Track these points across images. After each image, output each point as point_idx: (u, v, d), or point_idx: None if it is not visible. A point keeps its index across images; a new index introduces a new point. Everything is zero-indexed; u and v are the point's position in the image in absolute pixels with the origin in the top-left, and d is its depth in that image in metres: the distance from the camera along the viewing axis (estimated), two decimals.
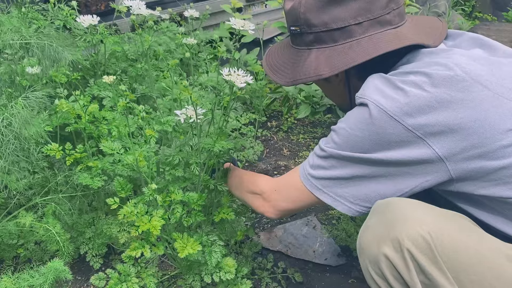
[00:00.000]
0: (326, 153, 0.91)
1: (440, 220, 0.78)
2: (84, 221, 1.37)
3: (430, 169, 0.82)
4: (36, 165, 1.19)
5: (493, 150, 0.79)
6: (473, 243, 0.76)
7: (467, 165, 0.80)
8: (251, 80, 0.98)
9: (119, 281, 1.12)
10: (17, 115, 1.05)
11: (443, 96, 0.79)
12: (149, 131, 1.12)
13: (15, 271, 1.38)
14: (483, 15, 4.59)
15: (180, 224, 1.16)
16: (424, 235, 0.74)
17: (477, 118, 0.78)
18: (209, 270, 1.21)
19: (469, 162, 0.80)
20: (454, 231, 0.76)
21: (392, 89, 0.83)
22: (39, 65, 1.21)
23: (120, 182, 1.11)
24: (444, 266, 0.73)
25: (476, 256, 0.74)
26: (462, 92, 0.79)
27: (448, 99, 0.79)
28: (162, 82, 1.29)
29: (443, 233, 0.75)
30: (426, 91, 0.80)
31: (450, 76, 0.80)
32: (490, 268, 0.74)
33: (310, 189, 0.94)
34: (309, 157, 0.97)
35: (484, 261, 0.74)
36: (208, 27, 2.65)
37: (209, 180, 1.20)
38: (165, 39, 1.58)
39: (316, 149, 0.95)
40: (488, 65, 0.84)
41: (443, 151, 0.80)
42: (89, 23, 1.25)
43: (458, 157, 0.80)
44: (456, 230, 0.77)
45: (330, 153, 0.90)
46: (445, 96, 0.79)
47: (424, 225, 0.75)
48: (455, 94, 0.79)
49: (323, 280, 1.41)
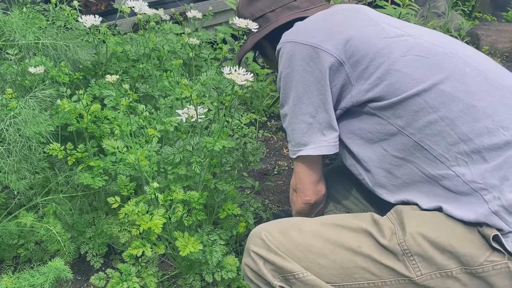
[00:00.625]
0: (283, 117, 1.11)
1: (273, 224, 1.03)
2: (84, 220, 1.37)
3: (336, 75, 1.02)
4: (37, 165, 1.19)
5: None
6: (295, 232, 0.98)
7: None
8: (252, 78, 0.99)
9: (120, 280, 1.12)
10: (25, 114, 1.06)
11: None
12: (151, 130, 1.13)
13: (15, 271, 1.38)
14: (483, 15, 4.61)
15: (181, 224, 1.17)
16: (261, 236, 0.98)
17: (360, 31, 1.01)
18: (210, 269, 1.21)
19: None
20: (282, 227, 1.00)
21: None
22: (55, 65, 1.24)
23: (123, 180, 1.12)
24: (279, 251, 0.95)
25: (298, 237, 0.97)
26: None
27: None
28: (165, 81, 1.30)
29: (273, 231, 0.98)
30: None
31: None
32: (305, 241, 0.97)
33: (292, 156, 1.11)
34: None
35: (299, 239, 0.97)
36: (208, 27, 2.65)
37: (210, 179, 1.20)
38: (171, 38, 1.59)
39: None
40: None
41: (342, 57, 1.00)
42: (91, 23, 1.25)
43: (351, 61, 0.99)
44: (286, 227, 1.00)
45: (284, 113, 1.10)
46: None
47: (262, 230, 0.99)
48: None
49: None
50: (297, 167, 1.11)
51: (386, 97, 0.97)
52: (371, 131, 1.02)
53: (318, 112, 1.03)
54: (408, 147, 0.97)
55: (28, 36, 1.20)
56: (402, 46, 0.99)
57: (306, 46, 1.01)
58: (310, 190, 1.12)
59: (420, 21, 3.17)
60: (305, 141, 1.05)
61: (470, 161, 0.91)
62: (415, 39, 1.00)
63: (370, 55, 0.98)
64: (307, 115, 1.03)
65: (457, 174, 0.92)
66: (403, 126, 0.97)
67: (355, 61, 0.99)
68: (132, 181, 1.16)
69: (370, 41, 0.99)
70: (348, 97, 1.02)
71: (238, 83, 0.98)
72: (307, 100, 1.03)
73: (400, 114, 0.97)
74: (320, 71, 1.00)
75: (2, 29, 1.23)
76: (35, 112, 1.11)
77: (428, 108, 0.94)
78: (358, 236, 0.94)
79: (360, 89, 1.00)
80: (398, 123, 0.97)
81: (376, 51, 0.98)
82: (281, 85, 1.07)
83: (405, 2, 2.49)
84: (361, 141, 1.05)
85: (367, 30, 1.02)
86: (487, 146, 0.90)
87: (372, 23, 1.05)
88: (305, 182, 1.12)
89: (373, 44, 0.99)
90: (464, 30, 3.43)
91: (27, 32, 1.22)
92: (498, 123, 0.91)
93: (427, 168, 0.96)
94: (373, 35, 1.01)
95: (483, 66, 0.99)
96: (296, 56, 1.02)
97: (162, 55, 1.48)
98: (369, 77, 0.98)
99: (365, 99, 1.00)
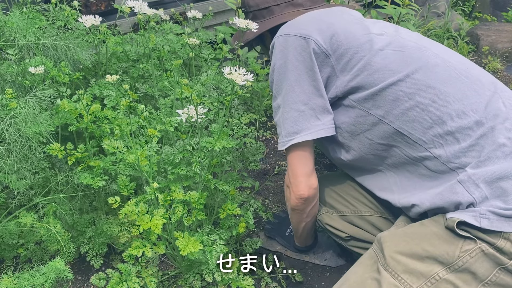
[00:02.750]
0: (275, 109, 1.15)
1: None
2: (84, 220, 1.37)
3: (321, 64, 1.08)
4: (37, 165, 1.19)
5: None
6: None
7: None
8: (252, 78, 0.99)
9: (120, 280, 1.12)
10: (26, 114, 1.06)
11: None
12: (151, 130, 1.13)
13: (16, 271, 1.38)
14: (483, 15, 4.60)
15: (181, 224, 1.17)
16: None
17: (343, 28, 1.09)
18: (210, 269, 1.21)
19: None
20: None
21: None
22: (55, 66, 1.24)
23: (123, 180, 1.12)
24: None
25: None
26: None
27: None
28: (165, 81, 1.30)
29: None
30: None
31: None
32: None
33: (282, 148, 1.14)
34: None
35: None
36: (208, 27, 2.65)
37: (210, 179, 1.20)
38: (171, 38, 1.59)
39: None
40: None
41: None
42: (91, 23, 1.25)
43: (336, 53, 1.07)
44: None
45: (277, 104, 1.14)
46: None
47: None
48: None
49: (323, 280, 1.42)
50: (289, 159, 1.13)
51: (366, 87, 1.05)
52: (354, 124, 1.09)
53: (311, 99, 1.07)
54: (390, 134, 1.05)
55: (28, 36, 1.20)
56: (381, 42, 1.07)
57: (297, 37, 1.07)
58: (303, 183, 1.13)
59: (420, 21, 3.17)
60: (297, 129, 1.08)
61: (445, 143, 0.98)
62: (393, 37, 1.09)
63: (353, 49, 1.06)
64: (299, 103, 1.07)
65: (435, 155, 0.99)
66: (382, 115, 1.04)
67: (340, 54, 1.07)
68: (132, 181, 1.16)
69: (353, 36, 1.07)
70: (333, 88, 1.09)
71: (238, 83, 0.98)
72: (299, 88, 1.07)
73: (379, 104, 1.04)
74: (311, 59, 1.06)
75: (2, 29, 1.23)
76: (35, 112, 1.11)
77: (404, 97, 1.01)
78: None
79: (343, 79, 1.07)
80: (378, 113, 1.05)
81: (359, 45, 1.06)
82: (274, 77, 1.11)
83: (405, 2, 2.49)
84: (346, 134, 1.12)
85: (351, 28, 1.10)
86: (458, 128, 0.97)
87: (356, 22, 1.14)
88: (298, 175, 1.13)
89: (356, 39, 1.07)
90: (464, 30, 3.43)
91: (27, 32, 1.22)
92: (468, 106, 0.98)
93: (409, 151, 1.04)
94: (357, 32, 1.09)
95: (453, 58, 1.08)
96: (288, 47, 1.08)
97: (162, 55, 1.48)
98: (352, 69, 1.06)
99: (347, 89, 1.07)
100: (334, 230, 1.30)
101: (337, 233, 1.30)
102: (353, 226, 1.29)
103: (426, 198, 1.00)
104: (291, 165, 1.13)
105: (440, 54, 1.07)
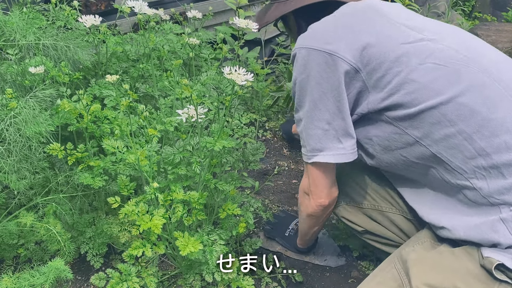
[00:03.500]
0: (297, 122, 1.11)
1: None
2: (84, 220, 1.37)
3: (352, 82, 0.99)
4: (37, 165, 1.19)
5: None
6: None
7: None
8: (252, 78, 0.99)
9: (120, 280, 1.12)
10: (26, 114, 1.06)
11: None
12: (151, 130, 1.13)
13: (15, 271, 1.38)
14: (483, 15, 4.60)
15: (181, 224, 1.17)
16: None
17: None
18: (210, 269, 1.21)
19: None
20: None
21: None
22: (55, 66, 1.24)
23: (123, 180, 1.12)
24: None
25: None
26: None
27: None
28: (165, 81, 1.30)
29: None
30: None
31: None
32: None
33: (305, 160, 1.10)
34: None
35: None
36: (208, 27, 2.65)
37: (210, 179, 1.20)
38: (171, 38, 1.59)
39: None
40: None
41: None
42: (91, 23, 1.25)
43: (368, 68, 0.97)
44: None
45: (299, 118, 1.09)
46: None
47: None
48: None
49: (323, 280, 1.42)
50: (311, 171, 1.10)
51: (403, 107, 0.95)
52: (388, 139, 1.01)
53: (334, 119, 1.01)
54: (427, 156, 0.96)
55: (29, 36, 1.20)
56: (420, 53, 0.95)
57: (322, 53, 0.97)
58: (324, 193, 1.12)
59: None
60: (320, 147, 1.04)
61: (488, 176, 0.90)
62: (435, 44, 0.96)
63: (387, 63, 0.95)
64: (323, 121, 1.01)
65: (475, 187, 0.91)
66: (420, 137, 0.96)
67: (372, 69, 0.96)
68: (132, 181, 1.16)
69: (387, 47, 0.95)
70: (364, 103, 1.00)
71: (238, 83, 0.97)
72: (323, 106, 1.00)
73: (417, 125, 0.95)
74: (336, 78, 0.97)
75: (2, 29, 1.23)
76: (35, 112, 1.11)
77: (445, 122, 0.91)
78: None
79: (376, 97, 0.98)
80: (415, 134, 0.96)
81: (394, 59, 0.94)
82: (296, 90, 1.05)
83: (405, 2, 2.49)
84: (378, 147, 1.05)
85: (384, 35, 0.98)
86: (505, 162, 0.88)
87: (390, 26, 1.00)
88: (320, 185, 1.11)
89: (390, 51, 0.95)
90: (464, 30, 3.42)
91: (28, 32, 1.22)
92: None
93: (447, 176, 0.96)
94: (391, 41, 0.96)
95: (505, 75, 0.95)
96: (311, 62, 0.99)
97: (162, 55, 1.48)
98: (386, 86, 0.96)
99: (381, 107, 0.98)
100: (350, 223, 1.27)
101: (353, 226, 1.27)
102: (371, 221, 1.25)
103: (460, 226, 0.93)
104: (313, 176, 1.10)
105: (489, 68, 0.94)
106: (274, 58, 2.69)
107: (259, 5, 3.08)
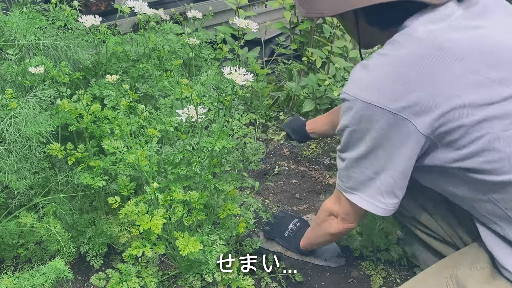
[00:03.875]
0: (339, 157, 1.04)
1: None
2: (84, 220, 1.37)
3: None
4: (37, 165, 1.19)
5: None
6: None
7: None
8: (252, 78, 0.99)
9: (120, 280, 1.12)
10: (26, 114, 1.06)
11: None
12: (151, 130, 1.13)
13: (15, 271, 1.38)
14: None
15: (181, 224, 1.17)
16: None
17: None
18: (210, 269, 1.21)
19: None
20: None
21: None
22: (55, 66, 1.25)
23: (123, 180, 1.12)
24: None
25: None
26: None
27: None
28: (165, 81, 1.30)
29: None
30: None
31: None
32: None
33: (346, 195, 1.05)
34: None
35: None
36: (208, 27, 2.65)
37: (210, 179, 1.20)
38: (171, 38, 1.59)
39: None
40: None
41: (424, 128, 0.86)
42: (91, 23, 1.25)
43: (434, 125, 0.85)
44: None
45: (341, 157, 1.02)
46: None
47: None
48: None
49: (323, 280, 1.42)
50: (345, 202, 1.07)
51: (480, 172, 0.87)
52: (458, 193, 0.96)
53: (382, 174, 0.94)
54: (498, 214, 0.92)
55: (29, 36, 1.20)
56: (505, 116, 0.82)
57: (385, 112, 0.85)
58: (356, 220, 1.12)
59: None
60: (360, 188, 0.99)
61: None
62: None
63: (464, 129, 0.83)
64: (370, 170, 0.95)
65: None
66: (497, 200, 0.90)
67: (445, 132, 0.85)
68: (132, 181, 1.16)
69: (466, 111, 0.82)
70: (431, 155, 0.91)
71: (238, 83, 0.98)
72: (375, 158, 0.92)
73: (496, 190, 0.88)
74: (400, 140, 0.87)
75: (2, 29, 1.23)
76: (35, 112, 1.11)
77: None
78: None
79: (448, 156, 0.88)
80: (493, 196, 0.90)
81: (472, 124, 0.82)
82: (344, 135, 0.96)
83: None
84: (438, 189, 1.02)
85: (464, 94, 0.82)
86: None
87: (473, 80, 0.83)
88: (352, 215, 1.11)
89: (469, 115, 0.82)
90: None
91: (28, 32, 1.22)
92: None
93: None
94: (472, 102, 0.82)
95: None
96: (371, 120, 0.87)
97: (162, 55, 1.48)
98: (461, 149, 0.86)
99: (452, 166, 0.90)
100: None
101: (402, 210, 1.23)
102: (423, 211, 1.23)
103: None
104: (346, 207, 1.08)
105: None
106: (274, 58, 2.69)
107: (259, 5, 3.08)
